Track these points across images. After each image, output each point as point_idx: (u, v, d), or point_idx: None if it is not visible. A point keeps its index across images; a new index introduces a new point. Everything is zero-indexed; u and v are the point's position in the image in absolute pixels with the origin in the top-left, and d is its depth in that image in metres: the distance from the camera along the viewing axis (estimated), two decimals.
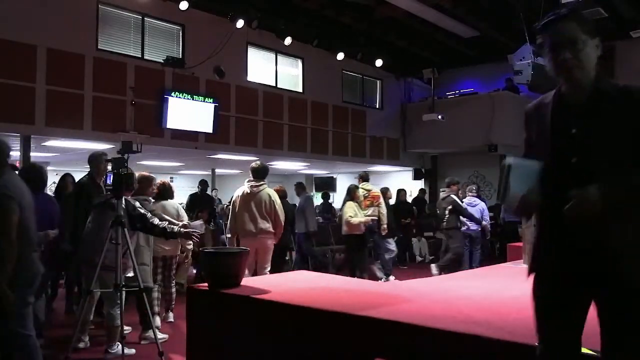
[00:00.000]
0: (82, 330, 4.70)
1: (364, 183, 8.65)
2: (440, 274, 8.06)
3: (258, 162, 6.42)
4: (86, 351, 4.78)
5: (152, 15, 9.88)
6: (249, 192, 6.18)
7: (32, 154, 8.75)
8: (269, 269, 6.17)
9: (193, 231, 4.72)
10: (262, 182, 6.27)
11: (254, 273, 5.99)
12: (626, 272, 1.83)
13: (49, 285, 5.99)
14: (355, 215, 7.97)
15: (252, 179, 6.28)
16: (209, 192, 11.33)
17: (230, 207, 6.62)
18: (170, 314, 5.92)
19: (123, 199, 4.23)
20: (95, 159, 5.48)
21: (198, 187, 10.71)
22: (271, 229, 6.15)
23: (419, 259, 11.89)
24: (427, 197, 14.42)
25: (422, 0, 10.12)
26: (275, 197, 6.29)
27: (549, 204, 1.91)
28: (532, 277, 2.06)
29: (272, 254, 6.26)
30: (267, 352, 3.45)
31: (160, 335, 4.78)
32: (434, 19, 11.18)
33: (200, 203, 9.53)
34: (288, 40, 11.04)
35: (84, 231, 4.61)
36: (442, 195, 9.03)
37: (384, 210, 8.44)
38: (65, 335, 4.86)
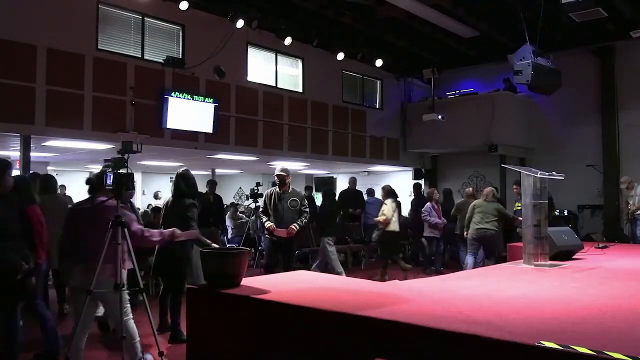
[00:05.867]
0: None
1: None
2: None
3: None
4: (89, 350, 4.78)
5: (152, 15, 9.87)
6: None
7: (32, 154, 8.72)
8: None
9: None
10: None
11: None
12: None
13: None
14: None
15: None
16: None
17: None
18: None
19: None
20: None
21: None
22: None
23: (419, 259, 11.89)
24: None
25: (422, 0, 10.11)
26: None
27: None
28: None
29: None
30: (267, 352, 3.45)
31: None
32: (434, 19, 11.15)
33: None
34: (288, 40, 11.03)
35: None
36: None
37: None
38: (65, 335, 4.85)
